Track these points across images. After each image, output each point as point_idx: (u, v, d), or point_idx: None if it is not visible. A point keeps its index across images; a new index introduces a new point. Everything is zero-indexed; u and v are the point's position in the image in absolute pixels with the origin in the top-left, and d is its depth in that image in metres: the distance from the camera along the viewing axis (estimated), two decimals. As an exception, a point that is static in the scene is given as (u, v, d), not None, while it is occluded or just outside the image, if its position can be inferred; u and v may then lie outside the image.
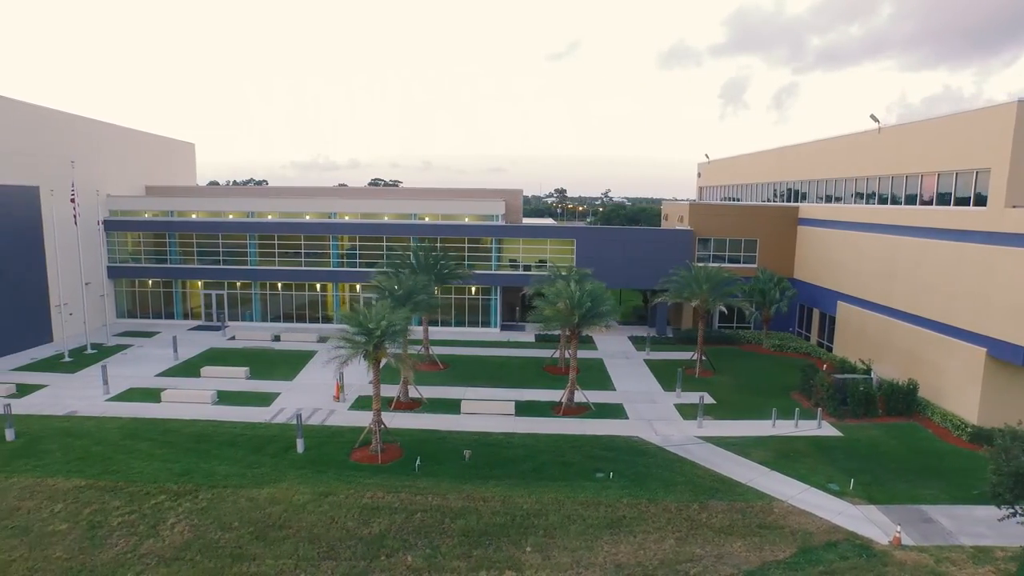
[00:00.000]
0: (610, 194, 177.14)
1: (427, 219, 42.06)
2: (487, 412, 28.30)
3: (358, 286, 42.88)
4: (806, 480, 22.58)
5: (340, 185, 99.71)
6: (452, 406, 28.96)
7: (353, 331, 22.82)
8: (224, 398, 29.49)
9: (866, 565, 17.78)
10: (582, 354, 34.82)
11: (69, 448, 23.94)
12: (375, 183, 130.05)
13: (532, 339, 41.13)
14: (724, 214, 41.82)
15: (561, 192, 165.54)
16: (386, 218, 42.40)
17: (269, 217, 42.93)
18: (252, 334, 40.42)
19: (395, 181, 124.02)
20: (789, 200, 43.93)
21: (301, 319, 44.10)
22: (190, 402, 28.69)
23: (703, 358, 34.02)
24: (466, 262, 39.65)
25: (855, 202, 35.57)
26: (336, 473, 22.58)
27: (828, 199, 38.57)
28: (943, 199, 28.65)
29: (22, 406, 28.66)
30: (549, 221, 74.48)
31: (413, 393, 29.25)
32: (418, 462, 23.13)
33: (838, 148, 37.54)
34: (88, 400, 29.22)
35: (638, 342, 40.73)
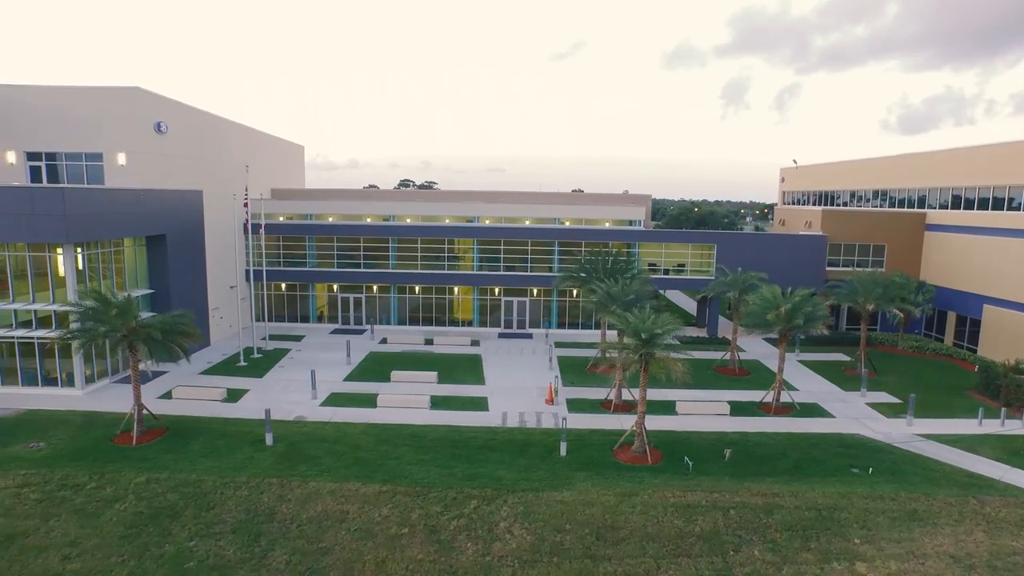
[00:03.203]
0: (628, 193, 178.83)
1: (568, 223, 42.90)
2: (703, 412, 29.34)
3: (495, 289, 43.52)
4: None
5: (370, 187, 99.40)
6: (666, 407, 29.89)
7: (628, 337, 23.68)
8: (436, 403, 29.98)
9: None
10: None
11: (335, 453, 24.26)
12: (404, 184, 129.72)
13: (675, 342, 42.20)
14: (854, 220, 43.50)
15: (579, 192, 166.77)
16: (527, 222, 43.08)
17: (408, 220, 43.21)
18: (402, 337, 40.73)
19: (430, 183, 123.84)
20: (895, 205, 45.96)
21: (440, 322, 44.56)
22: (407, 407, 29.07)
23: (865, 359, 35.50)
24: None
25: (996, 209, 37.47)
26: (618, 474, 23.36)
27: (968, 205, 40.26)
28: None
29: (246, 410, 28.87)
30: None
31: (626, 396, 30.12)
32: (690, 463, 24.10)
33: (976, 158, 39.34)
34: (303, 405, 29.42)
35: (774, 342, 41.93)
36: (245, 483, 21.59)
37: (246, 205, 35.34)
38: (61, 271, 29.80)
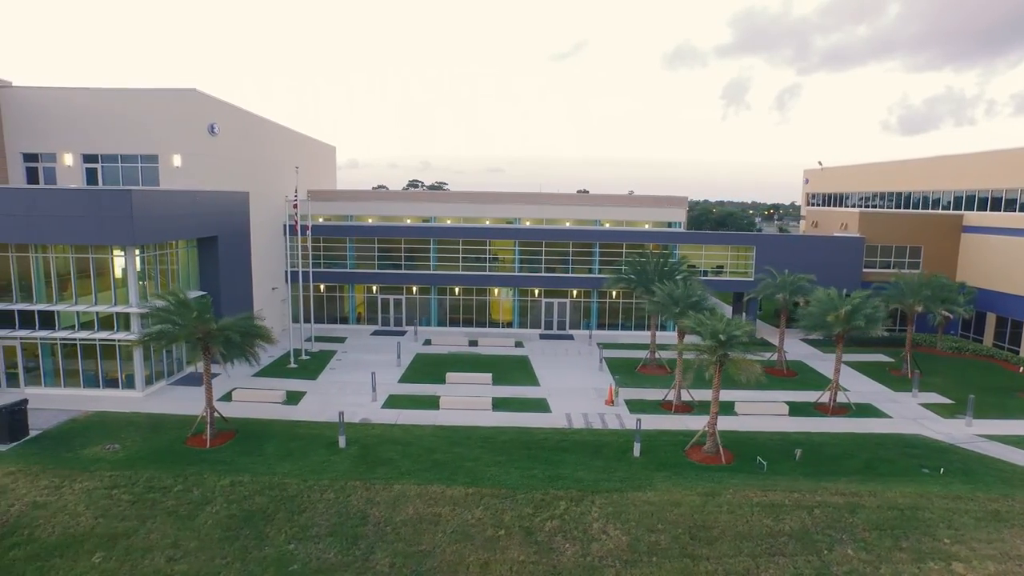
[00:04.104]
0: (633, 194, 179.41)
1: (608, 224, 43.13)
2: (762, 413, 29.59)
3: (535, 290, 43.67)
4: None
5: (379, 187, 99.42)
6: (724, 408, 29.86)
7: (705, 337, 23.90)
8: (497, 404, 30.06)
9: None
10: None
11: (411, 456, 24.32)
12: (413, 185, 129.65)
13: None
14: (891, 221, 43.90)
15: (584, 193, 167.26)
16: (567, 224, 43.26)
17: (448, 222, 43.30)
18: (445, 339, 40.84)
19: (440, 183, 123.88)
20: (928, 207, 46.41)
21: (480, 323, 44.66)
22: (470, 409, 29.18)
23: (910, 360, 35.87)
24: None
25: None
26: (696, 474, 23.54)
27: (1008, 206, 40.37)
28: None
29: (308, 412, 28.91)
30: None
31: (685, 396, 30.34)
32: (764, 463, 24.34)
33: (1014, 160, 39.66)
34: (365, 407, 29.46)
35: (813, 343, 42.33)
36: (330, 486, 21.67)
37: (295, 206, 35.33)
38: (116, 273, 29.83)
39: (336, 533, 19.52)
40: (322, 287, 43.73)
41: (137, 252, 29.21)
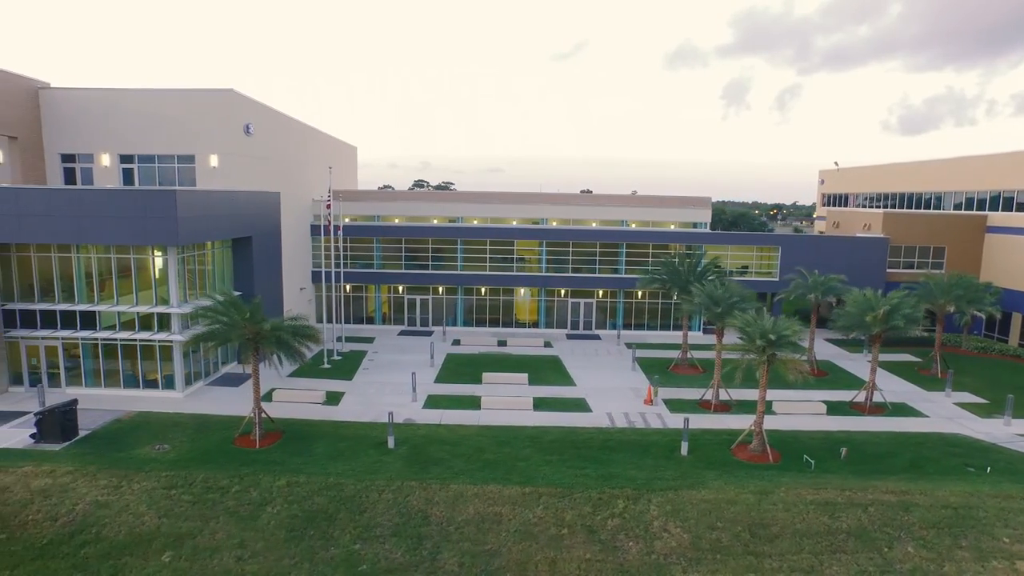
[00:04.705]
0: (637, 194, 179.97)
1: (634, 225, 43.31)
2: (801, 412, 29.76)
3: (561, 291, 43.80)
4: None
5: (384, 187, 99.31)
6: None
7: (755, 337, 24.05)
8: (537, 404, 30.15)
9: None
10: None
11: (461, 456, 24.39)
12: (419, 185, 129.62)
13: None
14: (915, 222, 44.20)
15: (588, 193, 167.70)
16: (593, 224, 43.42)
17: (475, 222, 43.40)
18: (474, 339, 40.93)
19: (447, 183, 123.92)
20: (949, 208, 46.75)
21: (506, 324, 44.80)
22: (512, 409, 29.28)
23: (940, 360, 36.13)
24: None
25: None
26: (746, 472, 23.68)
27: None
28: None
29: (349, 413, 28.97)
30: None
31: (723, 396, 30.50)
32: (812, 461, 24.53)
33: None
34: (406, 407, 29.48)
35: (838, 343, 42.48)
36: (386, 486, 21.72)
37: (328, 206, 35.36)
38: (150, 274, 29.79)
39: (400, 533, 19.62)
40: (348, 287, 43.79)
41: (177, 253, 29.29)
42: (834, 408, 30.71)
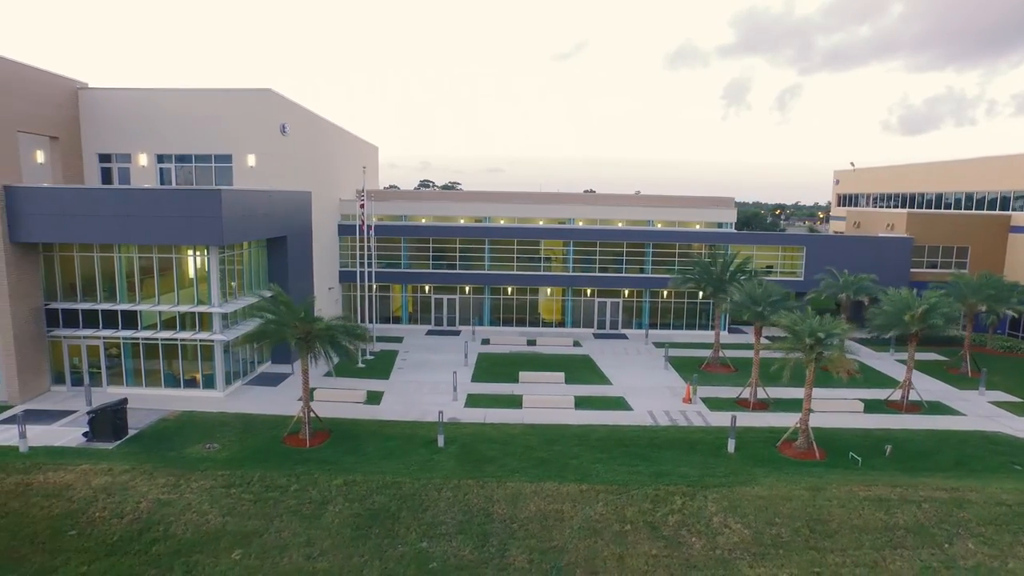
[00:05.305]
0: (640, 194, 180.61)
1: (659, 225, 43.53)
2: (837, 410, 30.00)
3: (587, 290, 43.97)
4: None
5: (390, 187, 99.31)
6: (798, 405, 30.46)
7: (804, 336, 24.26)
8: (578, 403, 30.27)
9: None
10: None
11: (512, 454, 24.49)
12: (424, 185, 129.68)
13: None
14: (939, 222, 44.57)
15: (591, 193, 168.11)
16: (619, 224, 43.61)
17: (501, 222, 43.52)
18: (503, 338, 41.06)
19: (454, 183, 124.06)
20: (971, 207, 47.14)
21: (532, 323, 44.96)
22: (554, 407, 29.40)
23: (969, 359, 36.42)
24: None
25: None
26: (795, 469, 23.88)
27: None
28: None
29: (392, 412, 29.03)
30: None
31: (760, 394, 30.71)
32: (859, 458, 24.74)
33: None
34: (448, 407, 29.44)
35: (863, 342, 42.62)
36: (444, 484, 21.84)
37: (362, 206, 35.45)
38: (189, 273, 29.87)
39: (465, 531, 19.73)
40: (374, 287, 43.89)
41: (218, 252, 29.32)
42: (870, 406, 30.96)
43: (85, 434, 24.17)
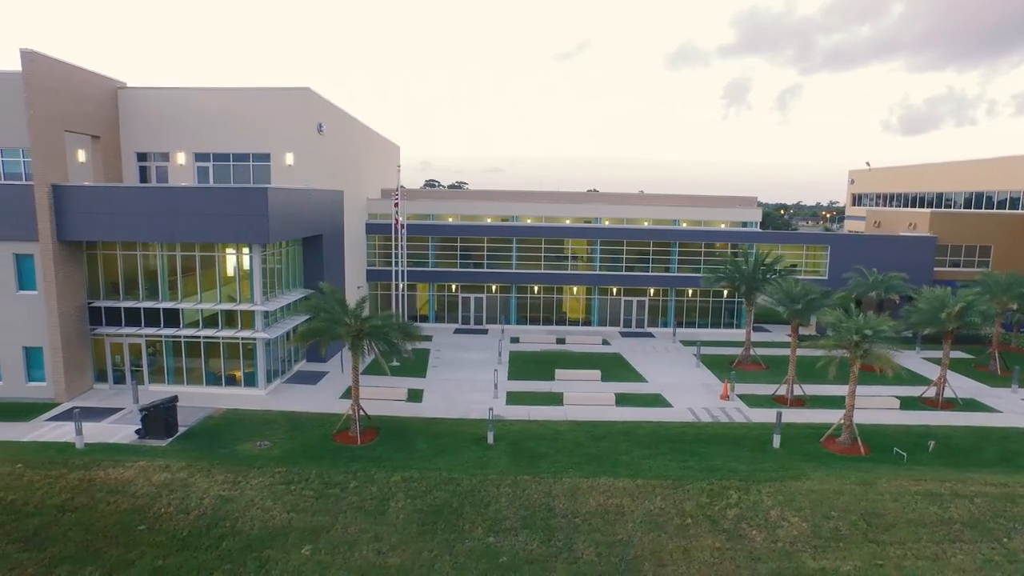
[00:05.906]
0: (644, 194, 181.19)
1: (685, 224, 43.82)
2: (875, 407, 30.28)
3: (613, 289, 44.20)
4: None
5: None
6: (834, 402, 30.64)
7: (850, 334, 24.53)
8: (619, 400, 30.50)
9: None
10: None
11: (563, 451, 24.73)
12: (430, 184, 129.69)
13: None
14: (962, 221, 44.95)
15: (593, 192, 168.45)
16: (645, 223, 43.85)
17: (528, 221, 43.69)
18: (532, 337, 41.27)
19: (460, 183, 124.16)
20: (991, 207, 47.57)
21: (559, 322, 45.18)
22: (596, 404, 29.63)
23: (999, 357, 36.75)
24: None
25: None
26: (842, 464, 24.17)
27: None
28: None
29: (436, 409, 29.21)
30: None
31: (797, 391, 30.98)
32: (904, 454, 25.02)
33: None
34: (492, 404, 29.55)
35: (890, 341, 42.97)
36: (500, 480, 22.03)
37: (396, 204, 35.57)
38: (229, 271, 29.96)
39: (530, 526, 19.90)
40: (402, 285, 44.03)
41: (260, 250, 29.38)
42: (906, 403, 31.29)
43: (137, 431, 24.26)
